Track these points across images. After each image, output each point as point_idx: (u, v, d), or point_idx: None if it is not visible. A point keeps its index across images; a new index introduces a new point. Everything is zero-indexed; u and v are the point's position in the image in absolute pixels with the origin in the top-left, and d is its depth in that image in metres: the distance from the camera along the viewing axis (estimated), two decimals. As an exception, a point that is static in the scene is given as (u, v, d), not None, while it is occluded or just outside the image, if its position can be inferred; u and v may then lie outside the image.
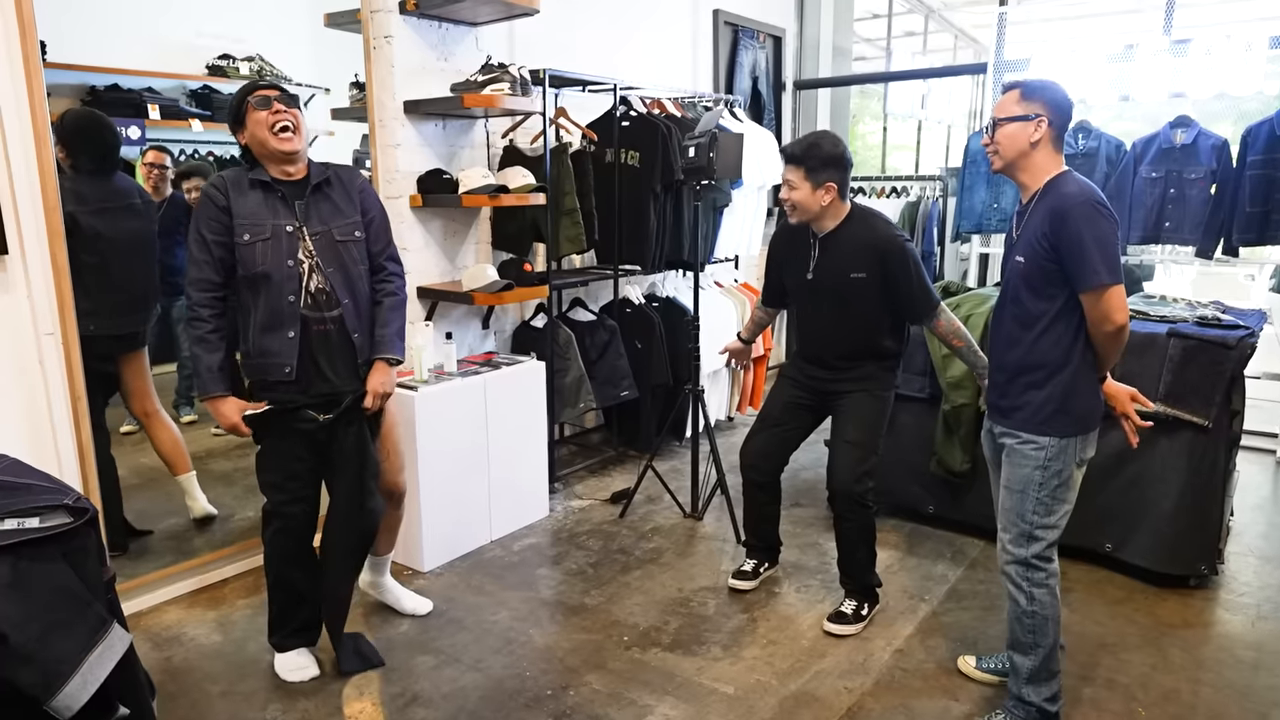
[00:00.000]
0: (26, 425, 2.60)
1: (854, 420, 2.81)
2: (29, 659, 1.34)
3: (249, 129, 2.35)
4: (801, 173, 2.68)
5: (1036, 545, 2.22)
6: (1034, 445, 2.17)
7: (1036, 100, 2.10)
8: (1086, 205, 2.02)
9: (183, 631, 2.83)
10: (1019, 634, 2.27)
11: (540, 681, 2.55)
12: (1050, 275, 2.09)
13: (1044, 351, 2.14)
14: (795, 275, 2.88)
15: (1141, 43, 4.75)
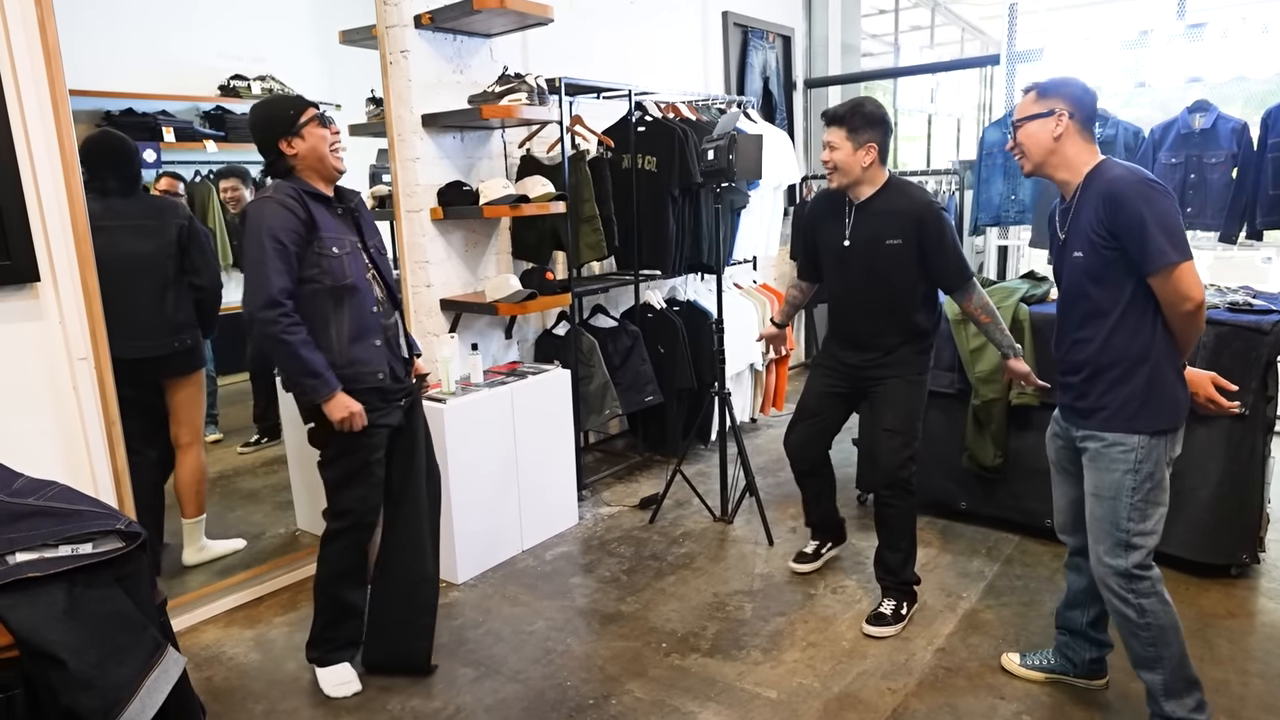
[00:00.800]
0: (62, 450, 2.61)
1: (892, 407, 2.81)
2: (89, 685, 1.34)
3: (308, 142, 2.36)
4: (843, 133, 2.68)
5: (1136, 554, 2.08)
6: (1123, 446, 2.06)
7: (1053, 96, 2.07)
8: (1139, 184, 1.94)
9: (222, 651, 2.84)
10: (1139, 650, 2.13)
11: (582, 691, 2.54)
12: (1114, 263, 2.00)
13: (1120, 345, 2.05)
14: (830, 243, 2.86)
15: (1156, 28, 4.72)
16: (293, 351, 2.28)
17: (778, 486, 4.16)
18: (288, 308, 2.28)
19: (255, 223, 2.28)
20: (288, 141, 2.36)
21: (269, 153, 2.39)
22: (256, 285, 2.26)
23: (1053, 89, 2.08)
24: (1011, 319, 3.26)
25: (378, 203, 3.89)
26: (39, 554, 1.40)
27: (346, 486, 2.48)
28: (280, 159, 2.38)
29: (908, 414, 2.81)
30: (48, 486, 1.60)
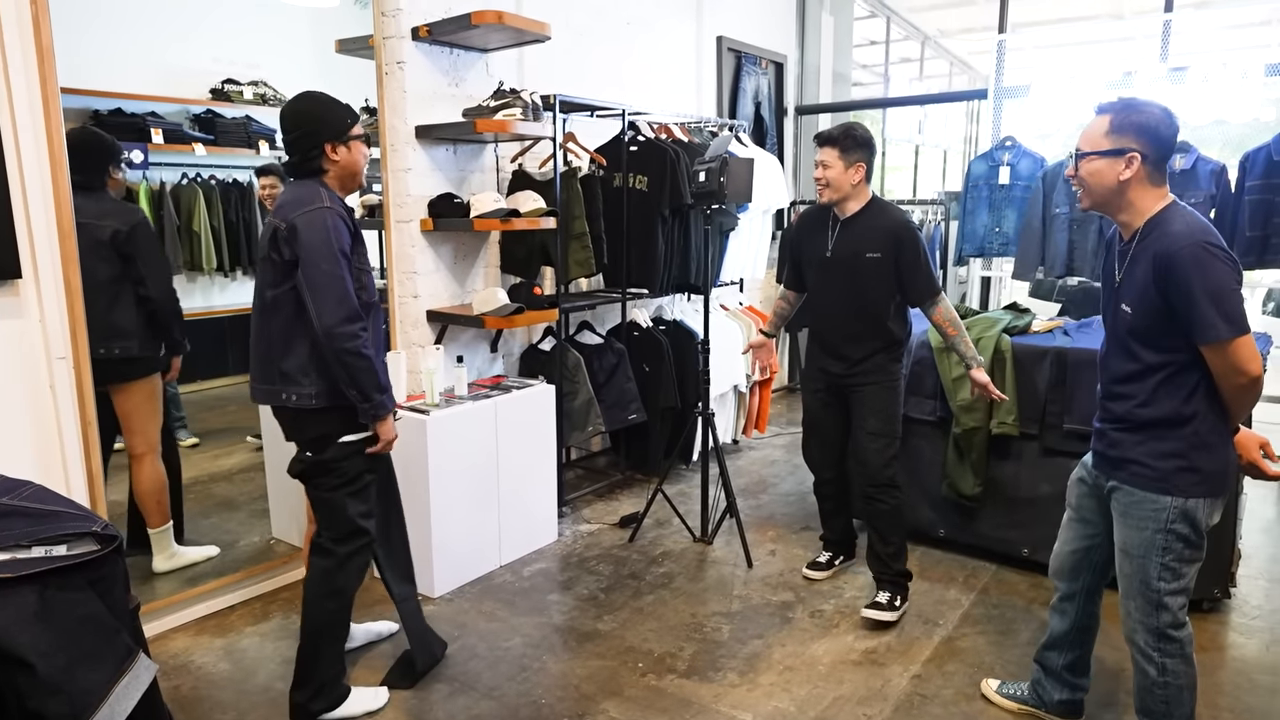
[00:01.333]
0: (37, 450, 2.58)
1: (872, 412, 3.03)
2: (57, 690, 1.32)
3: (352, 154, 2.34)
4: (836, 152, 2.91)
5: (1167, 614, 1.99)
6: (1154, 505, 1.95)
7: (1128, 133, 1.88)
8: (1194, 248, 1.80)
9: (190, 660, 2.79)
10: (1150, 704, 2.07)
11: (557, 709, 2.52)
12: (1166, 327, 1.88)
13: (1162, 405, 1.93)
14: (814, 254, 3.08)
15: (1139, 70, 4.82)
16: (372, 366, 2.27)
17: (758, 508, 4.16)
18: (365, 322, 2.27)
19: (323, 234, 2.20)
20: (334, 146, 2.30)
21: (308, 151, 2.30)
22: (338, 298, 2.21)
23: (1130, 125, 1.88)
24: (994, 349, 3.30)
25: (368, 212, 3.88)
26: (11, 554, 1.37)
27: (361, 504, 2.44)
28: (315, 160, 2.31)
29: (888, 417, 3.04)
30: (23, 486, 1.57)
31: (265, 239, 2.29)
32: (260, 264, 2.34)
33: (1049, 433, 3.26)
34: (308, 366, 2.29)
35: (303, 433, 2.38)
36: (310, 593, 2.43)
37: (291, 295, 2.27)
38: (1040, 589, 3.27)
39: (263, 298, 2.33)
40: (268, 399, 2.37)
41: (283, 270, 2.26)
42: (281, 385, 2.32)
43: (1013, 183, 5.04)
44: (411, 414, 3.17)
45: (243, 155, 4.99)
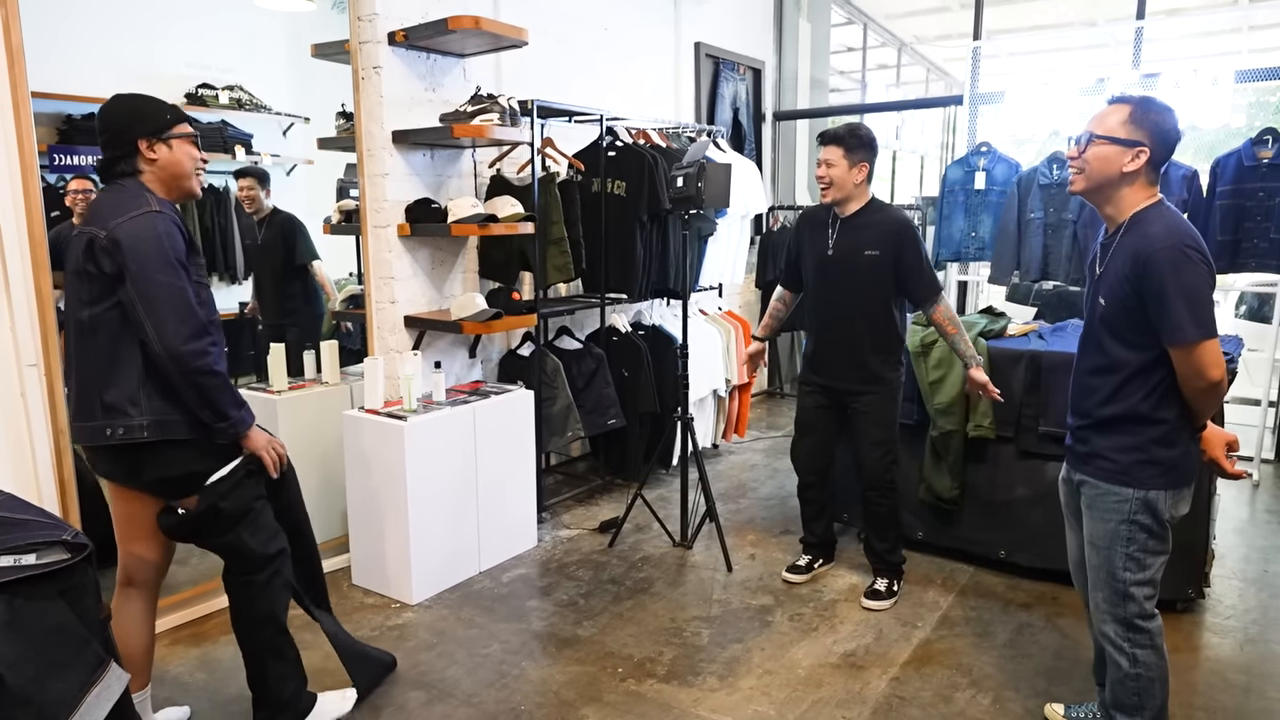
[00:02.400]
0: (7, 457, 2.54)
1: (875, 424, 3.11)
2: (27, 701, 1.30)
3: (174, 154, 2.09)
4: (841, 151, 2.96)
5: (1134, 605, 2.03)
6: (1116, 497, 2.00)
7: (1145, 128, 1.90)
8: (1172, 250, 1.83)
9: (165, 670, 2.75)
10: (1123, 696, 2.11)
11: (536, 716, 2.51)
12: (1136, 323, 1.92)
13: (1127, 401, 1.97)
14: (815, 253, 3.12)
15: (1112, 76, 4.89)
16: (226, 382, 2.07)
17: (738, 513, 4.17)
18: (214, 336, 2.07)
19: (154, 242, 1.97)
20: (149, 144, 2.07)
21: (119, 148, 2.06)
22: (180, 314, 1.98)
23: (1148, 121, 1.90)
24: (970, 353, 3.33)
25: (344, 217, 3.87)
26: (-21, 564, 1.35)
27: (262, 530, 2.24)
28: (127, 159, 2.07)
29: (888, 425, 3.13)
30: (-9, 495, 1.55)
31: (78, 250, 2.00)
32: (70, 279, 2.05)
33: (1025, 435, 3.29)
34: (136, 394, 2.03)
35: (141, 474, 2.10)
36: (240, 624, 2.29)
37: (113, 315, 2.01)
38: (1018, 590, 3.30)
39: (77, 319, 2.04)
40: (89, 438, 2.06)
41: (101, 286, 2.00)
42: (105, 419, 2.02)
43: (988, 188, 5.09)
44: (389, 420, 3.15)
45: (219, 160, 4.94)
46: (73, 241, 2.04)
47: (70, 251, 2.05)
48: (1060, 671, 2.74)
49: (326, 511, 3.53)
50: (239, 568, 2.26)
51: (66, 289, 2.08)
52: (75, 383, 2.10)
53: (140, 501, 2.18)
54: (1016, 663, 2.79)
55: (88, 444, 2.10)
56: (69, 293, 2.07)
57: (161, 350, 1.98)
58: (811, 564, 3.44)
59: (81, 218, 2.11)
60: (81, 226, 2.03)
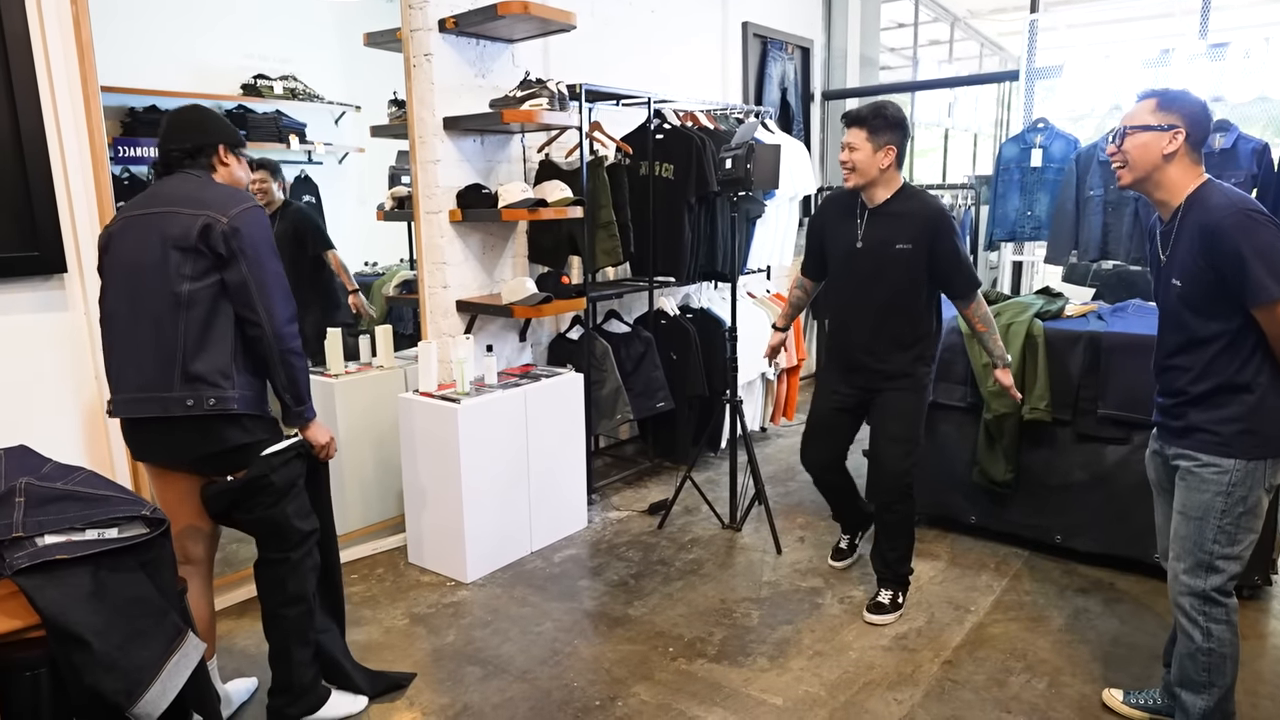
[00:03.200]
0: (85, 438, 2.66)
1: (895, 417, 2.91)
2: (112, 666, 1.37)
3: (241, 166, 2.32)
4: (864, 134, 2.73)
5: (1216, 578, 2.03)
6: (1216, 469, 2.00)
7: (1174, 111, 1.97)
8: (1238, 214, 1.87)
9: (233, 643, 2.87)
10: (1191, 671, 2.10)
11: (588, 692, 2.56)
12: (1215, 295, 1.94)
13: (1220, 374, 1.99)
14: (842, 245, 2.91)
15: (1177, 47, 4.72)
16: (306, 366, 2.20)
17: (787, 495, 4.17)
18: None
19: (266, 232, 2.16)
20: (226, 150, 2.26)
21: (204, 142, 2.22)
22: (285, 296, 2.15)
23: (1176, 103, 1.98)
24: (1025, 334, 3.27)
25: (396, 204, 3.94)
26: (66, 537, 1.43)
27: (300, 506, 2.30)
28: (206, 155, 2.23)
29: (911, 422, 2.91)
30: (75, 472, 1.63)
31: (192, 231, 2.07)
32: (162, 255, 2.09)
33: (1082, 418, 3.22)
34: (228, 368, 2.11)
35: (216, 444, 2.15)
36: (269, 606, 2.32)
37: (210, 292, 2.10)
38: (1074, 575, 3.25)
39: (171, 293, 2.08)
40: (162, 409, 2.08)
41: (207, 265, 2.09)
42: (187, 390, 2.07)
43: (1045, 165, 4.96)
44: (443, 403, 3.22)
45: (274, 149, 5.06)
46: (164, 220, 2.10)
47: (161, 230, 2.10)
48: (1118, 658, 2.69)
49: (382, 492, 3.62)
50: (275, 544, 2.28)
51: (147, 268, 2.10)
52: (151, 356, 2.10)
53: (187, 480, 2.23)
54: (1073, 648, 2.76)
55: (156, 414, 2.09)
56: (153, 271, 2.09)
57: (271, 330, 2.11)
58: (853, 542, 3.42)
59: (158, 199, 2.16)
60: (177, 208, 2.10)
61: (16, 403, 2.51)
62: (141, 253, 2.11)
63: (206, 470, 2.22)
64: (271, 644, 2.34)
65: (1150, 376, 2.22)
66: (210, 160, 2.24)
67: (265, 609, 2.33)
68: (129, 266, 2.13)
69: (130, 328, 2.13)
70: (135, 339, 2.12)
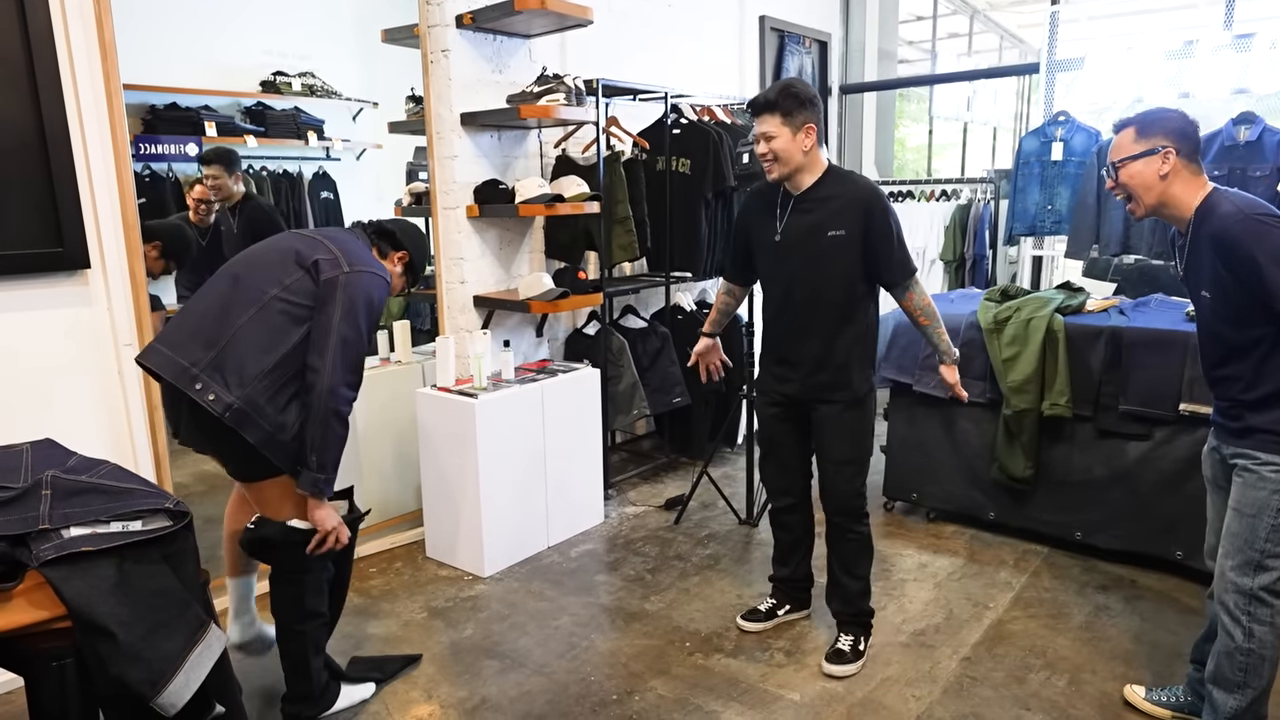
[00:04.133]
0: (108, 433, 2.69)
1: (837, 438, 2.62)
2: (137, 657, 1.39)
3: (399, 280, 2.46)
4: (778, 119, 2.43)
5: (1265, 576, 2.00)
6: (1275, 467, 1.97)
7: (1155, 132, 1.99)
8: (1247, 220, 1.87)
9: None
10: (1227, 670, 2.07)
11: (605, 686, 2.56)
12: (1244, 304, 1.93)
13: (1270, 379, 1.96)
14: (765, 239, 2.62)
15: (1201, 38, 4.65)
16: (344, 438, 2.14)
17: (804, 491, 4.15)
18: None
19: (372, 302, 2.18)
20: (398, 259, 2.44)
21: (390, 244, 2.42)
22: (356, 364, 2.14)
23: (1154, 124, 2.00)
24: (1045, 330, 3.24)
25: (414, 199, 3.95)
26: (91, 529, 1.45)
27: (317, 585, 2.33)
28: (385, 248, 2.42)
29: (855, 442, 2.63)
30: (99, 465, 1.65)
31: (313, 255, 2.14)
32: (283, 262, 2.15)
33: (1103, 414, 3.19)
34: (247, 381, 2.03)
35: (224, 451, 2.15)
36: (285, 621, 2.32)
37: (297, 314, 2.10)
38: (1095, 572, 3.22)
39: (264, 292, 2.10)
40: (174, 376, 2.03)
41: (306, 290, 2.12)
42: (203, 373, 2.02)
43: (1066, 159, 4.91)
44: (460, 398, 3.23)
45: (292, 146, 5.11)
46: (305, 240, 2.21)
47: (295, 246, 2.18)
48: (1139, 655, 2.67)
49: (401, 486, 3.65)
50: (292, 567, 2.27)
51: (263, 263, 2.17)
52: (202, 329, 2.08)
53: None
54: (1093, 645, 2.74)
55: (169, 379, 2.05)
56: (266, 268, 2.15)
57: (326, 383, 2.05)
58: (774, 610, 2.91)
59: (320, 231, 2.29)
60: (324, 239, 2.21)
61: (41, 397, 2.54)
62: (268, 251, 2.21)
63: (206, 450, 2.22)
64: (288, 656, 2.35)
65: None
66: (385, 250, 2.40)
67: (281, 624, 2.34)
68: (249, 257, 2.22)
69: (207, 297, 2.15)
70: (201, 308, 2.13)
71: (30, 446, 1.70)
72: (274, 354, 2.06)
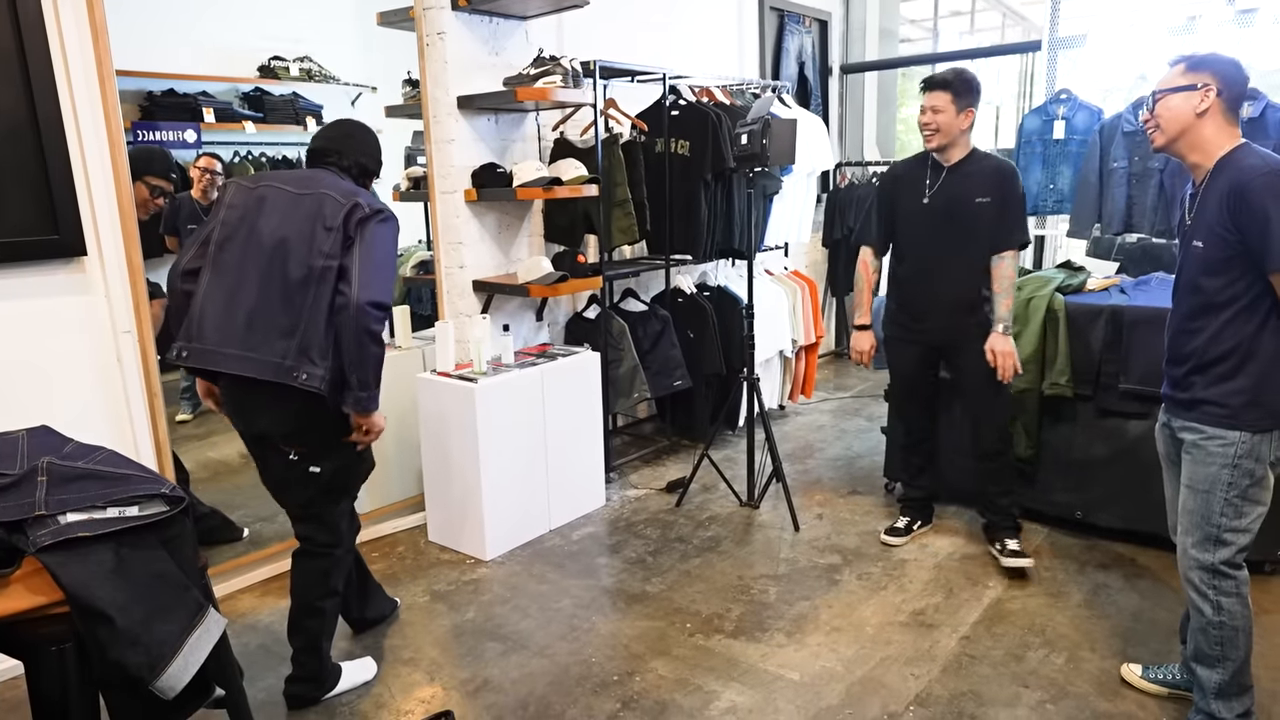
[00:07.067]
0: (107, 419, 2.70)
1: (987, 371, 2.99)
2: (135, 641, 1.40)
3: None
4: (949, 97, 2.90)
5: (1225, 550, 2.03)
6: (1221, 441, 2.00)
7: (1204, 70, 1.97)
8: (1270, 176, 1.85)
9: (257, 619, 2.91)
10: (1204, 646, 2.10)
11: (606, 668, 2.58)
12: (1234, 257, 1.93)
13: (1229, 340, 1.98)
14: (910, 206, 3.07)
15: (1204, 14, 4.61)
16: (382, 354, 2.22)
17: (805, 473, 4.16)
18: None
19: (391, 239, 2.26)
20: (372, 179, 2.49)
21: (370, 164, 2.45)
22: (387, 283, 2.21)
23: (1204, 63, 1.99)
24: (1046, 309, 3.23)
25: (412, 184, 3.94)
26: (88, 515, 1.45)
27: (350, 500, 2.44)
28: (365, 176, 2.44)
29: (996, 386, 3.04)
30: (96, 451, 1.66)
31: (340, 213, 2.18)
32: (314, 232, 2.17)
33: (1104, 393, 3.19)
34: (325, 348, 2.16)
35: (305, 426, 2.24)
36: (308, 598, 2.38)
37: (335, 273, 2.16)
38: (1095, 551, 3.22)
39: (303, 266, 2.16)
40: (263, 372, 2.13)
41: (340, 245, 2.17)
42: (296, 362, 2.12)
43: (1068, 137, 4.87)
44: (460, 382, 3.23)
45: (291, 132, 5.08)
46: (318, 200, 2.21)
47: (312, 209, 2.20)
48: (1138, 633, 2.68)
49: (402, 471, 3.65)
50: (323, 538, 2.37)
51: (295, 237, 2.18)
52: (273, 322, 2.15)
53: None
54: (1092, 623, 2.74)
55: (253, 375, 2.14)
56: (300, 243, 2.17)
57: (358, 300, 2.11)
58: (911, 525, 3.40)
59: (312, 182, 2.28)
60: (331, 192, 2.22)
61: (39, 384, 2.55)
62: (289, 225, 2.20)
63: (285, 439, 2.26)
64: (302, 635, 2.39)
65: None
66: (365, 181, 2.43)
67: (302, 601, 2.38)
68: (271, 235, 2.20)
69: (249, 288, 2.18)
70: (251, 300, 2.17)
71: (26, 433, 1.70)
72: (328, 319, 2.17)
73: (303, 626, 2.39)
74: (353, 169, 2.38)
